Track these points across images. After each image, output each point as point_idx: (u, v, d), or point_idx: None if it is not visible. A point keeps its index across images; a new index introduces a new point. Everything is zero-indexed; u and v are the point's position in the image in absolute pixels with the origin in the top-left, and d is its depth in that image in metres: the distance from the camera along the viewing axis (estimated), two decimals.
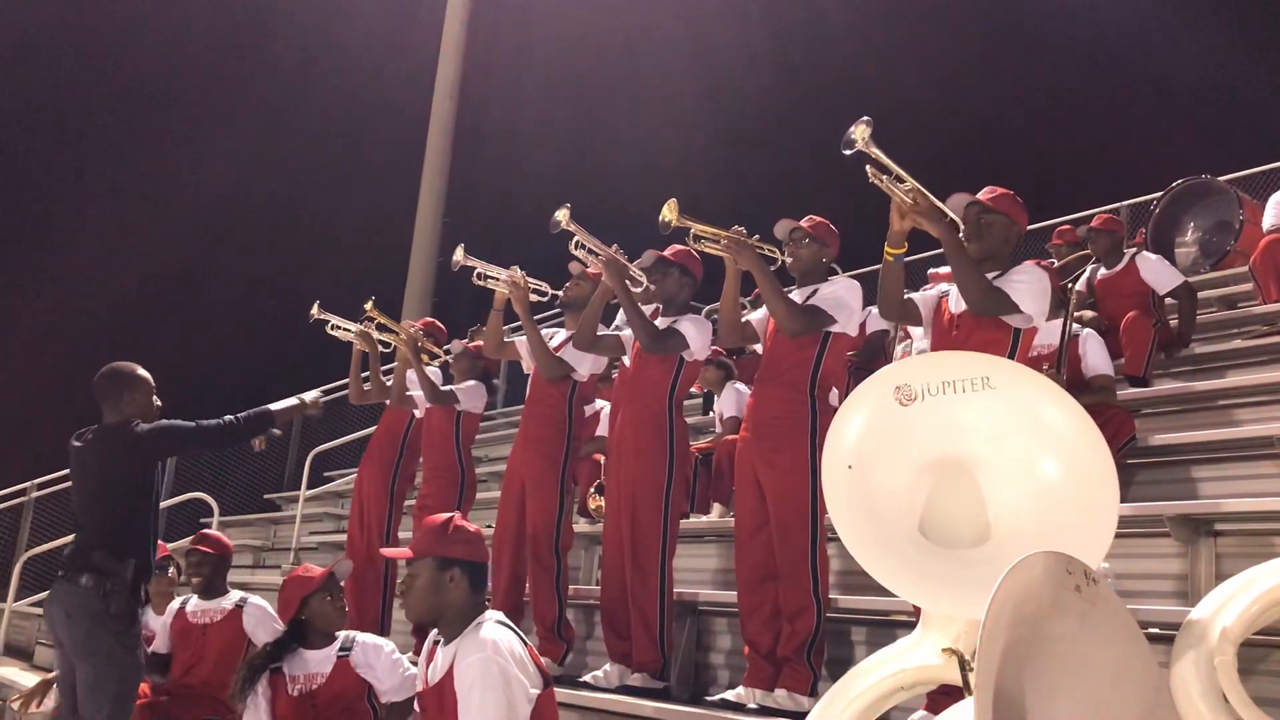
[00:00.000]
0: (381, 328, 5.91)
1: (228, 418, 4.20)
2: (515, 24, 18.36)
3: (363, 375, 6.12)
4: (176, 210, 18.22)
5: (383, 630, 5.59)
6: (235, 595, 4.82)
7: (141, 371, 4.13)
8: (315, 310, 6.00)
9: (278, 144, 17.92)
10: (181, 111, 18.56)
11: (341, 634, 3.95)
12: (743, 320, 4.30)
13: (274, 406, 4.39)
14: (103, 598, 3.73)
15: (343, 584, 4.01)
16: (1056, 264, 7.25)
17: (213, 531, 5.53)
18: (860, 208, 3.48)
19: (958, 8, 18.54)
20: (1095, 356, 4.95)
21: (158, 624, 4.90)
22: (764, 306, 4.19)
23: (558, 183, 16.87)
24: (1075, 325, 4.99)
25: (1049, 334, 4.78)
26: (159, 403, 4.16)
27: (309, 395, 4.58)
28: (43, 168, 18.29)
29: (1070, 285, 4.97)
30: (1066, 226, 7.98)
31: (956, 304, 3.64)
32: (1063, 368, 4.68)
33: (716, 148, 18.51)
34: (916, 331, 3.88)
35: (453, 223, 14.63)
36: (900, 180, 3.45)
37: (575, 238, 4.58)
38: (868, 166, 3.43)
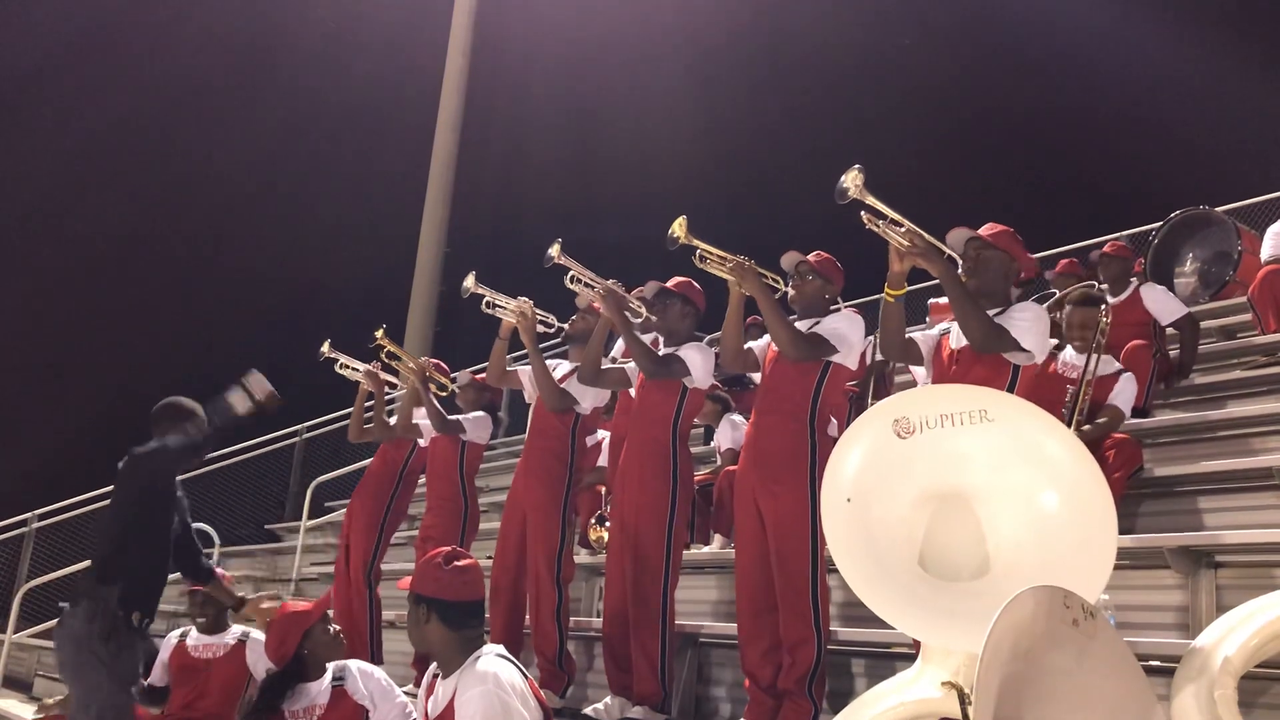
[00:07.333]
0: (390, 355, 5.94)
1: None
2: (518, 56, 18.56)
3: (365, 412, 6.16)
4: (173, 231, 18.33)
5: (374, 660, 5.57)
6: (237, 630, 4.83)
7: (201, 411, 4.11)
8: (325, 348, 6.05)
9: (277, 177, 18.04)
10: (189, 127, 18.67)
11: (332, 664, 3.95)
12: (744, 348, 4.30)
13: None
14: (87, 622, 3.73)
15: (332, 613, 4.01)
16: (1059, 295, 7.29)
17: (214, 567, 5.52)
18: (862, 236, 3.48)
19: (957, 39, 18.70)
20: (1125, 394, 4.89)
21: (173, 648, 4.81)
22: (765, 336, 4.20)
23: (560, 215, 16.96)
24: (1111, 360, 5.04)
25: (1078, 355, 4.92)
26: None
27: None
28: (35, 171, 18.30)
29: (1105, 314, 4.99)
30: (1065, 260, 8.05)
31: (957, 340, 3.64)
32: (1086, 392, 4.71)
33: (721, 179, 18.60)
34: (920, 371, 3.88)
35: (454, 253, 14.72)
36: (896, 223, 3.46)
37: (570, 271, 4.60)
38: (863, 213, 3.44)
